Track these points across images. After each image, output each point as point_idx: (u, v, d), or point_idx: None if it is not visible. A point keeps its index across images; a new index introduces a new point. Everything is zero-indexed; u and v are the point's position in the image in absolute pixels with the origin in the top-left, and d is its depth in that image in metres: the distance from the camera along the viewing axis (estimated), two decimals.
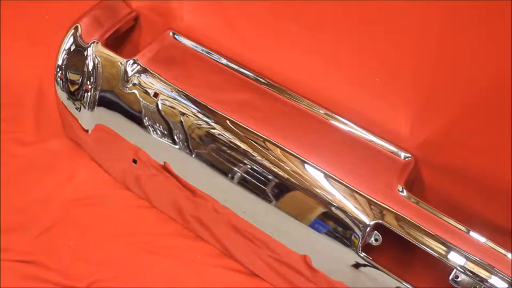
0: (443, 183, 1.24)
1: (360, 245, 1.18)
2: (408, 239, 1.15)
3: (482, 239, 1.16)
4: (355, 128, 1.31)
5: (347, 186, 1.21)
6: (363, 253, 1.18)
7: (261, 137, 1.28)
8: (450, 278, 1.13)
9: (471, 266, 1.13)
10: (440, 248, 1.14)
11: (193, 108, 1.33)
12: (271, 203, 1.26)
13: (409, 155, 1.25)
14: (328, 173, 1.23)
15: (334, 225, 1.21)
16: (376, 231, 1.18)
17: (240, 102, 1.35)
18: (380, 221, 1.17)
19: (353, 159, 1.28)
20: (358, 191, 1.20)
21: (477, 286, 1.12)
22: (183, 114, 1.34)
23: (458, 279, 1.13)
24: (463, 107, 1.16)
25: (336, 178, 1.22)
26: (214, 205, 1.32)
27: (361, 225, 1.18)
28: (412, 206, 1.18)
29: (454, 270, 1.13)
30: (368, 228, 1.18)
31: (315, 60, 1.30)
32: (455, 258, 1.14)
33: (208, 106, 1.32)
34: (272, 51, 1.35)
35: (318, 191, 1.22)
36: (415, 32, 1.14)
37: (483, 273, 1.12)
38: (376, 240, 1.19)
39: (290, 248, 1.26)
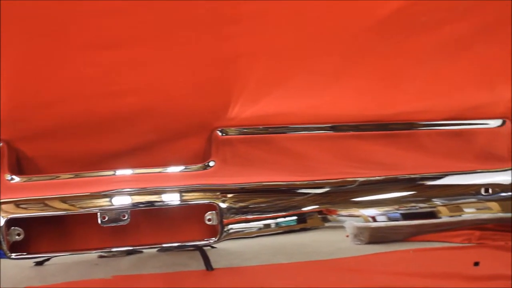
0: (41, 147, 1.23)
1: (6, 248, 1.15)
2: (34, 215, 1.16)
3: (127, 172, 1.21)
4: None
5: None
6: (13, 254, 1.16)
7: None
8: (99, 221, 1.17)
9: (112, 201, 1.18)
10: (75, 203, 1.17)
11: None
12: None
13: None
14: None
15: None
16: (14, 227, 1.16)
17: None
18: (6, 217, 1.14)
19: None
20: None
21: (125, 215, 1.18)
22: None
23: (106, 219, 1.18)
24: None
25: None
26: None
27: None
28: (25, 186, 1.17)
29: (98, 213, 1.17)
30: (1, 230, 1.14)
31: None
32: (93, 204, 1.18)
33: None
34: None
35: None
36: None
37: (133, 199, 1.19)
38: (18, 235, 1.17)
39: None
